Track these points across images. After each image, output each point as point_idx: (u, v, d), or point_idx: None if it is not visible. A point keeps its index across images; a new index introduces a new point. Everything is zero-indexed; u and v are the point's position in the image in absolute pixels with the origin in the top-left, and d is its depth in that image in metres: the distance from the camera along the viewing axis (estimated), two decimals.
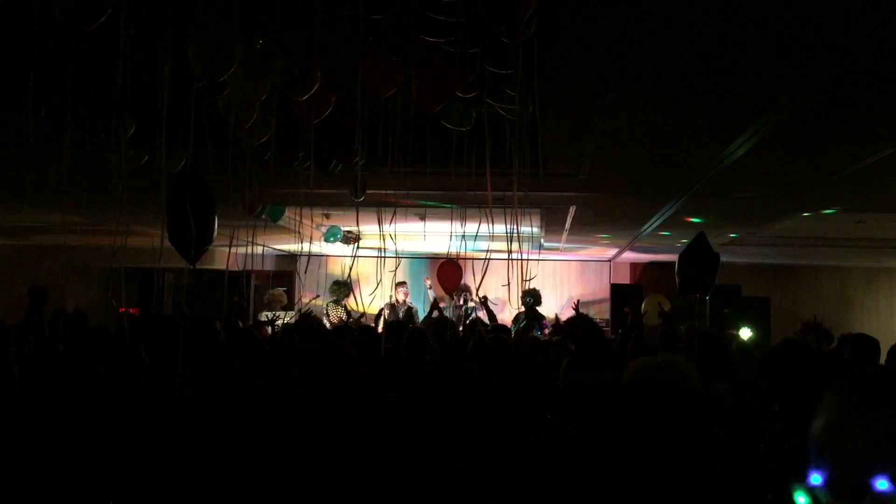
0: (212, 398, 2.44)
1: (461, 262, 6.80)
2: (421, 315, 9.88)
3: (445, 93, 3.42)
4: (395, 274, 4.94)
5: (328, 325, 8.64)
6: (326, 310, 9.68)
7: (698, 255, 7.26)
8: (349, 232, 8.87)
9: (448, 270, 7.41)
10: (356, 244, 7.46)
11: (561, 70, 3.58)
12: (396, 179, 4.14)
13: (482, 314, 7.73)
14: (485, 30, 2.94)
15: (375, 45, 3.04)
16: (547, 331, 7.90)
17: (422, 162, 4.16)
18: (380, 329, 6.44)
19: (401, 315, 9.62)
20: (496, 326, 6.47)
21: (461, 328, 7.24)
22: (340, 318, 9.32)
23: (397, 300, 10.02)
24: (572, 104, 4.17)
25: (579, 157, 5.33)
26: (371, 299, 5.63)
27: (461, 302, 10.05)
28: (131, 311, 7.70)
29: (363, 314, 7.95)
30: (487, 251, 4.01)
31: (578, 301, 6.93)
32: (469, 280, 9.67)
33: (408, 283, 10.62)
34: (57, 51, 3.02)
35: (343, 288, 9.51)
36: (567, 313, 8.17)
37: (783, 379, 2.75)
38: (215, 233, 3.35)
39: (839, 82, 3.45)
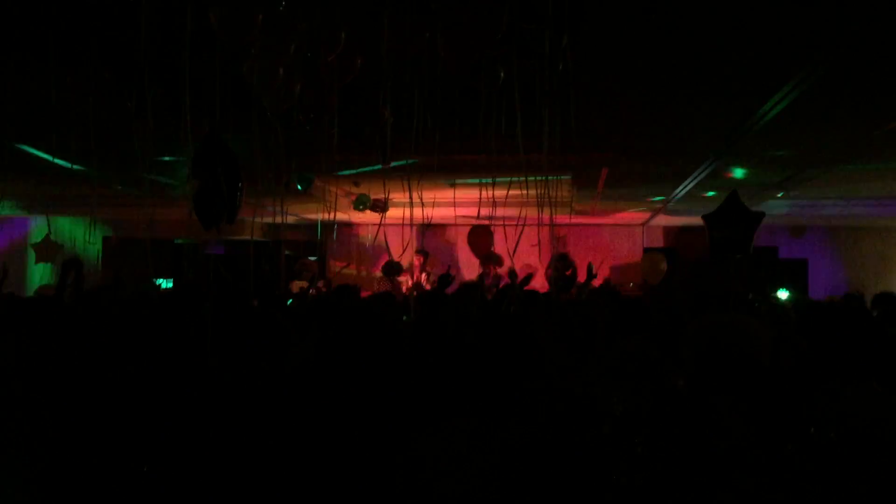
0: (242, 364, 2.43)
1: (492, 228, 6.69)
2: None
3: (474, 52, 3.30)
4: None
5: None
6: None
7: (730, 215, 7.00)
8: (378, 200, 8.80)
9: (479, 236, 7.36)
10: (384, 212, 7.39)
11: (593, 29, 3.45)
12: (424, 145, 4.05)
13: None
14: None
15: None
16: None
17: (450, 125, 4.07)
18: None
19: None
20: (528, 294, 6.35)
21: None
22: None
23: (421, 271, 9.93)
24: (605, 63, 4.04)
25: (612, 118, 5.20)
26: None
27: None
28: None
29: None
30: (521, 218, 3.89)
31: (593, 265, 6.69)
32: (500, 248, 9.60)
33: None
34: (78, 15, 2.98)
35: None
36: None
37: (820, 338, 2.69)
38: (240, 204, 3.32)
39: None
